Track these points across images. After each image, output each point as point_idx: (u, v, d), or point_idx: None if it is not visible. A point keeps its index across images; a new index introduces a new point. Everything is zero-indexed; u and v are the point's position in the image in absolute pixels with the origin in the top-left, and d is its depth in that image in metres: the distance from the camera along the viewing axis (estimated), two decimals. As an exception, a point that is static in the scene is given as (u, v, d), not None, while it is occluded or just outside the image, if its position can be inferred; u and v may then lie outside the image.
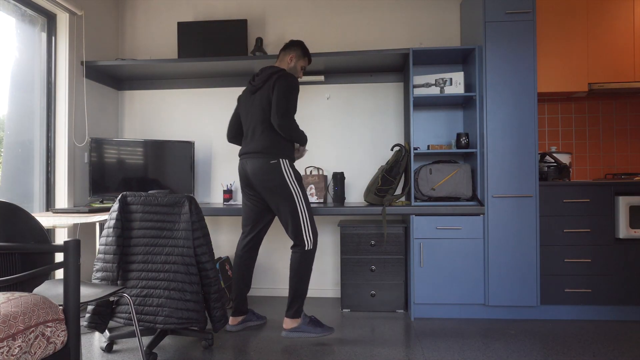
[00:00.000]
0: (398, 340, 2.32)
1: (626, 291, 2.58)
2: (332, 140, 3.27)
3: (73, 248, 1.28)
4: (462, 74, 2.80)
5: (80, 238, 2.98)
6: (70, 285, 1.27)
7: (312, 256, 2.33)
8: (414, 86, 2.85)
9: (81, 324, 2.10)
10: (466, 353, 2.14)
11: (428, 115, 3.17)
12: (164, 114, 3.41)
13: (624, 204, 2.57)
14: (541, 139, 3.18)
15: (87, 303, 1.68)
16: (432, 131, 3.16)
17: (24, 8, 2.63)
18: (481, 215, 2.62)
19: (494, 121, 2.63)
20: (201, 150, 3.38)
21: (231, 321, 2.49)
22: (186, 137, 3.39)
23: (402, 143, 3.16)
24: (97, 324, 2.08)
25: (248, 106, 2.42)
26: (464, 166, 2.73)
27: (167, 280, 2.02)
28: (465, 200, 2.74)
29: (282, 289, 3.29)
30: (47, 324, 1.18)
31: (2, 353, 1.03)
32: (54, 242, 2.81)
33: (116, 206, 2.09)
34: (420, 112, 3.17)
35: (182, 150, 3.12)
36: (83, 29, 2.98)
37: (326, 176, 3.01)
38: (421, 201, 2.79)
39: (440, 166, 2.74)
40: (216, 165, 3.37)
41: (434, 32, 3.22)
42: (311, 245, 2.31)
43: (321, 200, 2.92)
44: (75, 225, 2.88)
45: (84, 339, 2.37)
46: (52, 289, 1.78)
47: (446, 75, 2.82)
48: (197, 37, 3.16)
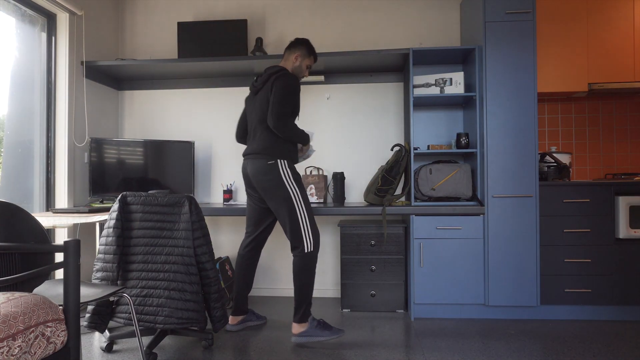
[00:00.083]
0: (398, 340, 2.32)
1: (626, 291, 2.58)
2: (332, 140, 3.27)
3: (73, 248, 1.28)
4: (462, 74, 2.80)
5: (80, 238, 2.98)
6: (70, 285, 1.27)
7: (314, 259, 2.27)
8: (414, 86, 2.85)
9: (81, 324, 2.10)
10: (466, 353, 2.14)
11: (428, 115, 3.17)
12: (164, 114, 3.41)
13: (624, 204, 2.57)
14: (541, 139, 3.18)
15: (87, 303, 1.68)
16: (432, 131, 3.16)
17: (24, 8, 2.63)
18: (481, 215, 2.62)
19: (494, 121, 2.63)
20: (201, 150, 3.38)
21: (231, 320, 2.49)
22: (186, 137, 3.39)
23: (402, 143, 3.16)
24: (97, 324, 2.09)
25: (251, 107, 2.43)
26: (464, 166, 2.73)
27: (167, 280, 2.02)
28: (465, 200, 2.74)
29: (282, 289, 3.29)
30: (47, 324, 1.18)
31: (2, 353, 1.03)
32: (54, 242, 2.81)
33: (116, 206, 2.09)
34: (420, 112, 3.18)
35: (182, 150, 3.12)
36: (83, 29, 2.98)
37: (326, 176, 3.01)
38: (421, 201, 2.79)
39: (440, 166, 2.74)
40: (216, 165, 3.37)
41: (434, 32, 3.22)
42: (311, 248, 2.26)
43: (321, 200, 2.92)
44: (75, 225, 2.89)
45: (84, 339, 2.37)
46: (52, 289, 1.78)
47: (446, 75, 2.82)
48: (197, 37, 3.16)
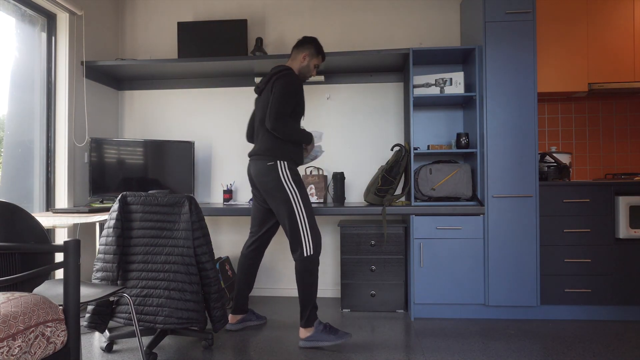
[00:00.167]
0: (398, 340, 2.32)
1: (626, 291, 2.58)
2: (332, 140, 3.27)
3: (73, 248, 1.28)
4: (462, 74, 2.80)
5: (80, 238, 2.98)
6: (70, 285, 1.27)
7: (314, 263, 2.22)
8: (414, 86, 2.85)
9: (81, 324, 2.10)
10: (466, 353, 2.14)
11: (428, 115, 3.16)
12: (164, 114, 3.41)
13: (624, 204, 2.57)
14: (541, 139, 3.18)
15: (87, 303, 1.68)
16: (432, 131, 3.16)
17: (24, 8, 2.63)
18: (481, 215, 2.62)
19: (494, 121, 2.63)
20: (201, 150, 3.38)
21: (230, 319, 2.49)
22: (186, 137, 3.39)
23: (402, 143, 3.16)
24: (97, 324, 2.09)
25: (256, 108, 2.44)
26: (464, 166, 2.73)
27: (167, 280, 2.02)
28: (465, 200, 2.74)
29: (282, 289, 3.29)
30: (47, 324, 1.18)
31: (2, 353, 1.03)
32: (54, 242, 2.81)
33: (116, 206, 2.09)
34: (420, 112, 3.17)
35: (182, 150, 3.12)
36: (83, 29, 2.97)
37: (326, 176, 3.01)
38: (421, 201, 2.79)
39: (440, 166, 2.74)
40: (216, 165, 3.37)
41: (434, 32, 3.22)
42: (310, 251, 2.20)
43: (321, 200, 2.92)
44: (75, 225, 2.88)
45: (84, 339, 2.37)
46: (52, 289, 1.78)
47: (446, 75, 2.82)
48: (197, 37, 3.16)
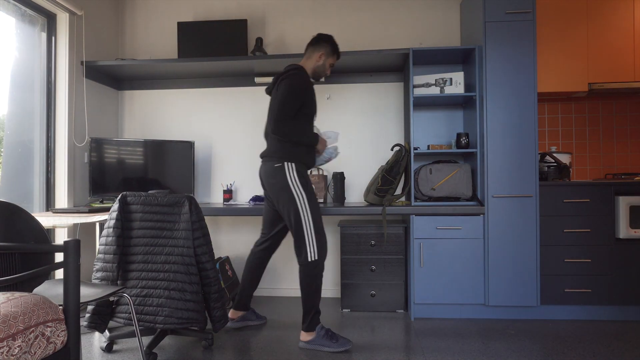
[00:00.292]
0: (398, 340, 2.32)
1: (626, 291, 2.58)
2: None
3: (73, 248, 1.28)
4: (462, 74, 2.80)
5: (80, 238, 2.98)
6: (70, 285, 1.27)
7: (318, 269, 2.16)
8: (414, 86, 2.85)
9: (81, 324, 2.10)
10: (466, 353, 2.14)
11: (428, 115, 3.16)
12: (164, 114, 3.41)
13: (624, 204, 2.57)
14: (541, 139, 3.18)
15: (87, 303, 1.68)
16: (432, 131, 3.16)
17: (24, 8, 2.63)
18: (481, 215, 2.62)
19: (494, 121, 2.63)
20: (201, 150, 3.38)
21: (231, 314, 2.50)
22: (186, 137, 3.39)
23: (402, 143, 3.16)
24: (97, 324, 2.09)
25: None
26: (464, 166, 2.73)
27: (167, 280, 2.02)
28: (465, 200, 2.74)
29: (283, 289, 3.29)
30: (47, 324, 1.18)
31: (2, 353, 1.03)
32: (54, 242, 2.81)
33: (116, 206, 2.09)
34: (420, 112, 3.17)
35: (182, 150, 3.12)
36: (83, 29, 2.97)
37: (326, 176, 3.01)
38: (421, 201, 2.79)
39: (440, 166, 2.74)
40: (216, 165, 3.37)
41: (434, 32, 3.22)
42: (315, 257, 2.15)
43: (321, 200, 2.92)
44: (75, 225, 2.88)
45: (84, 339, 2.37)
46: (52, 289, 1.78)
47: (446, 75, 2.82)
48: (197, 37, 3.16)
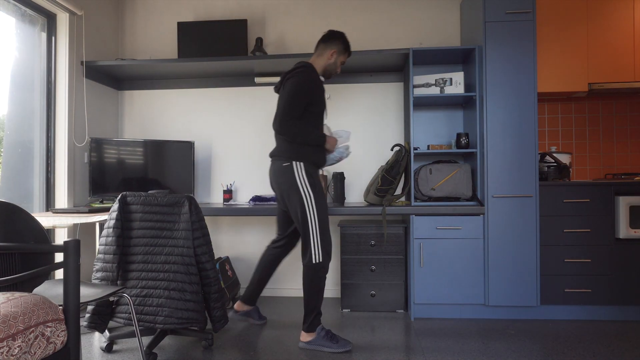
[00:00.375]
0: (398, 340, 2.32)
1: (626, 291, 2.58)
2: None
3: (73, 248, 1.28)
4: (462, 74, 2.80)
5: (80, 238, 2.98)
6: (70, 285, 1.27)
7: (322, 271, 2.15)
8: (414, 86, 2.85)
9: (81, 324, 2.10)
10: (466, 353, 2.14)
11: (428, 115, 3.16)
12: (164, 114, 3.41)
13: (624, 204, 2.57)
14: (541, 139, 3.18)
15: (87, 303, 1.68)
16: (432, 131, 3.16)
17: (24, 8, 2.63)
18: (481, 215, 2.62)
19: (494, 121, 2.63)
20: (201, 150, 3.38)
21: (237, 305, 2.52)
22: (186, 137, 3.39)
23: (402, 143, 3.16)
24: (97, 324, 2.09)
25: None
26: (464, 166, 2.73)
27: (167, 280, 2.02)
28: (465, 200, 2.74)
29: (284, 290, 3.29)
30: (47, 324, 1.18)
31: (2, 353, 1.03)
32: (54, 242, 2.81)
33: (116, 206, 2.09)
34: (420, 112, 3.17)
35: (182, 150, 3.12)
36: (83, 29, 2.97)
37: (326, 176, 3.01)
38: (421, 201, 2.79)
39: (440, 166, 2.74)
40: (216, 165, 3.37)
41: (434, 32, 3.22)
42: (319, 258, 2.13)
43: (321, 200, 2.92)
44: (75, 225, 2.88)
45: (84, 339, 2.37)
46: (52, 289, 1.78)
47: (446, 75, 2.82)
48: (197, 37, 3.16)
